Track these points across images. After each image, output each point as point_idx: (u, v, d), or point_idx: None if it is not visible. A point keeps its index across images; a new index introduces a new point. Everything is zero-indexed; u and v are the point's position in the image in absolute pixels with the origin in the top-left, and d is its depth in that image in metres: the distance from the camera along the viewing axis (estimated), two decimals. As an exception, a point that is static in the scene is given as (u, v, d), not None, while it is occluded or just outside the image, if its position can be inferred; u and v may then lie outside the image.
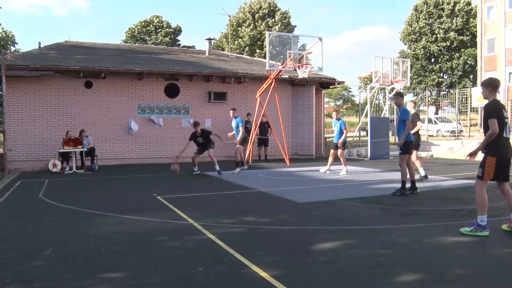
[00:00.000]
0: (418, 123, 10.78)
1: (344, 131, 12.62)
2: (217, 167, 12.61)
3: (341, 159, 12.73)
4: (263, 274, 4.14)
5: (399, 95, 9.47)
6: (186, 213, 7.01)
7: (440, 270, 4.20)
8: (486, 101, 5.75)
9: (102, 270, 4.36)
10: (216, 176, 12.36)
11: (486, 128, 5.60)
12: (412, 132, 10.87)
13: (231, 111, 13.54)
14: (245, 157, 16.25)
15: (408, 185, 8.83)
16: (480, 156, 5.86)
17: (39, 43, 19.97)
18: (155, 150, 17.30)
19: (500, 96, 18.15)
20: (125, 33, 52.38)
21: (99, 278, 4.13)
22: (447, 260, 4.53)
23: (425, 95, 38.12)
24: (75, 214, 7.27)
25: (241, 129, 13.19)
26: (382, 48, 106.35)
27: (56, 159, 14.56)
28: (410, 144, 9.20)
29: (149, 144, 17.22)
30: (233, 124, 13.50)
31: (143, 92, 17.11)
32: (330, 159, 13.07)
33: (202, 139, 13.12)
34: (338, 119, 12.85)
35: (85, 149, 14.46)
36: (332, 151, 13.03)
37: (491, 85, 5.73)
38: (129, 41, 48.99)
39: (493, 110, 5.57)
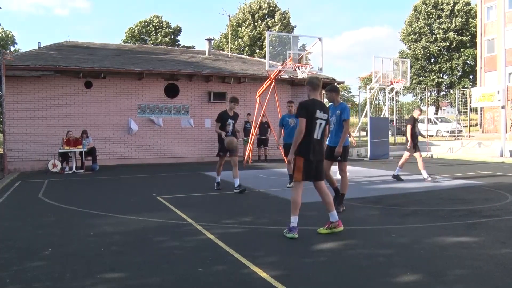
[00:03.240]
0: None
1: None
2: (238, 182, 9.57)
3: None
4: (263, 274, 4.15)
5: (333, 91, 7.37)
6: (186, 213, 7.02)
7: (439, 271, 4.20)
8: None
9: (102, 270, 4.36)
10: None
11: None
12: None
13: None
14: (244, 157, 16.27)
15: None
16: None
17: (39, 43, 19.97)
18: (155, 150, 17.30)
19: (500, 97, 18.12)
20: (125, 33, 52.39)
21: (99, 278, 4.13)
22: (447, 260, 4.53)
23: (425, 95, 38.16)
24: (74, 214, 7.27)
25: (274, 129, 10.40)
26: (382, 48, 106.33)
27: (55, 159, 14.56)
28: (347, 148, 7.63)
29: (149, 144, 17.22)
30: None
31: (143, 92, 17.12)
32: None
33: (232, 126, 9.70)
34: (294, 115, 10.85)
35: (85, 149, 14.46)
36: None
37: (310, 84, 5.81)
38: (129, 41, 49.00)
39: (304, 109, 5.58)
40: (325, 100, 10.78)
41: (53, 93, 15.79)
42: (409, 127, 11.14)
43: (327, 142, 7.27)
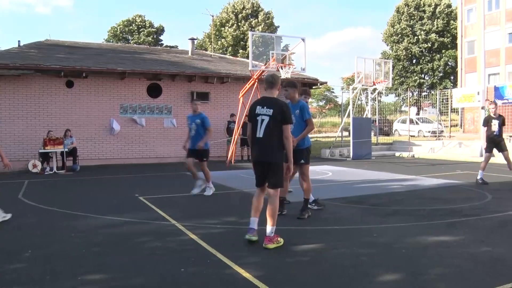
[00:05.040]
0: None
1: (209, 130, 8.80)
2: None
3: (205, 172, 8.93)
4: (246, 274, 4.14)
5: (289, 87, 6.63)
6: (168, 214, 6.98)
7: (421, 269, 4.25)
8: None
9: (83, 271, 4.30)
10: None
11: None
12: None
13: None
14: (227, 157, 16.26)
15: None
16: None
17: (19, 41, 19.70)
18: (138, 150, 17.17)
19: (480, 97, 18.42)
20: (107, 32, 52.07)
21: (80, 280, 4.08)
22: (428, 259, 4.58)
23: (407, 96, 38.58)
24: (55, 215, 7.17)
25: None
26: (365, 49, 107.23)
27: (36, 160, 14.34)
28: (309, 149, 6.97)
29: (131, 144, 17.08)
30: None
31: (125, 92, 16.97)
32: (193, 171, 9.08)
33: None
34: (199, 114, 8.95)
35: (66, 149, 14.27)
36: (190, 160, 9.02)
37: (264, 82, 5.55)
38: (111, 41, 48.59)
39: (248, 112, 5.38)
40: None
41: (34, 92, 15.56)
42: (483, 129, 10.32)
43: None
